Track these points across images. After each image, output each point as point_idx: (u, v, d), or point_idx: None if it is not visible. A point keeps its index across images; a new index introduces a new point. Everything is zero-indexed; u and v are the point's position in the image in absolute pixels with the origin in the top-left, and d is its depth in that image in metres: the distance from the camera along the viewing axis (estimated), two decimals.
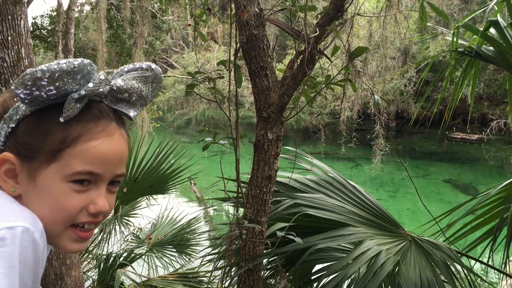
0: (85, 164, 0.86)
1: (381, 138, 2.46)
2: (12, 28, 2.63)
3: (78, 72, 0.83)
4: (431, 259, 2.34)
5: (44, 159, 0.86)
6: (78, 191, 0.87)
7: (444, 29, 3.14)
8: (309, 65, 1.91)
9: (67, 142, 0.86)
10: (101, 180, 0.90)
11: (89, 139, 0.87)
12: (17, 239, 0.76)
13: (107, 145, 0.89)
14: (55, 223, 0.87)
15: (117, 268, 3.73)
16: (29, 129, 0.87)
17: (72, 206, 0.87)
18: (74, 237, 0.90)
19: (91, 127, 0.88)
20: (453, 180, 15.48)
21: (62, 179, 0.86)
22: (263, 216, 2.17)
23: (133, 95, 0.92)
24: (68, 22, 9.40)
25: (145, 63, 0.95)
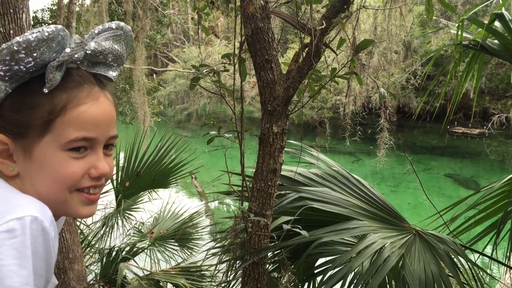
0: (78, 130, 0.87)
1: (385, 131, 2.45)
2: (14, 22, 2.62)
3: (53, 39, 0.83)
4: (436, 252, 2.34)
5: (36, 133, 0.86)
6: (77, 158, 0.88)
7: (448, 22, 3.13)
8: (315, 58, 1.90)
9: (56, 111, 0.86)
10: (97, 143, 0.90)
11: (77, 105, 0.87)
12: (27, 229, 0.76)
13: (95, 109, 0.89)
14: (60, 191, 0.88)
15: (119, 262, 3.74)
16: (15, 106, 0.87)
17: (73, 172, 0.88)
18: (82, 199, 0.91)
19: (76, 93, 0.87)
20: (454, 175, 15.49)
21: (59, 149, 0.86)
22: (268, 209, 2.17)
23: (109, 56, 0.92)
24: (69, 16, 9.37)
25: (113, 22, 0.95)
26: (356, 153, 17.33)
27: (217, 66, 2.26)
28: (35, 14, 13.91)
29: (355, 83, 2.45)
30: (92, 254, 4.32)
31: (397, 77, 17.96)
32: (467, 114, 22.64)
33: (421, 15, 13.71)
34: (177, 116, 28.95)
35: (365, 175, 14.44)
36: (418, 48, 21.51)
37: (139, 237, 4.41)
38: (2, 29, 2.59)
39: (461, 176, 15.36)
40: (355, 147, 16.69)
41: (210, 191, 10.69)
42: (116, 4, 11.98)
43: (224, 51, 20.65)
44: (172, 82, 25.13)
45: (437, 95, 16.45)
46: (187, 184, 11.89)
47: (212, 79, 2.21)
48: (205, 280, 4.02)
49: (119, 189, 4.33)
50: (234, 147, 2.40)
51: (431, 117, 11.94)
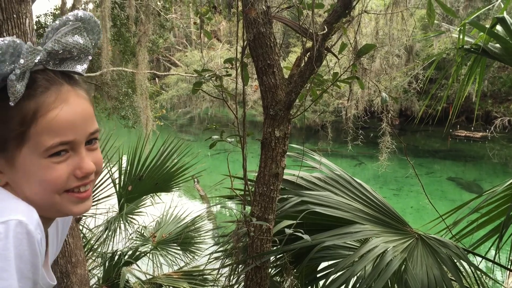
0: (53, 137, 0.86)
1: (387, 135, 2.45)
2: (17, 27, 2.63)
3: (4, 53, 0.82)
4: (438, 256, 2.34)
5: (13, 145, 0.87)
6: (59, 162, 0.88)
7: (450, 26, 3.13)
8: (317, 62, 1.91)
9: (27, 122, 0.85)
10: (76, 144, 0.89)
11: (46, 112, 0.86)
12: (11, 232, 0.77)
13: (66, 111, 0.87)
14: (48, 196, 0.89)
15: (122, 266, 3.74)
16: None
17: (58, 176, 0.88)
18: (72, 199, 0.91)
19: (43, 100, 0.86)
20: (456, 178, 15.46)
21: (39, 157, 0.86)
22: (270, 213, 2.18)
23: (73, 50, 0.89)
24: None
25: (71, 13, 0.93)
26: (359, 157, 17.32)
27: (219, 70, 2.27)
28: (38, 19, 13.98)
29: (357, 87, 2.46)
30: (95, 258, 4.33)
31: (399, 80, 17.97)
32: (470, 117, 22.62)
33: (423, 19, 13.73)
34: (180, 120, 28.99)
35: (367, 178, 14.42)
36: (420, 52, 21.52)
37: (142, 241, 4.42)
38: (5, 34, 2.60)
39: (463, 180, 15.32)
40: (357, 151, 16.69)
41: (212, 195, 10.69)
42: (119, 8, 12.03)
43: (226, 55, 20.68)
44: (175, 86, 25.18)
45: (439, 98, 16.43)
46: (189, 188, 11.90)
47: (214, 84, 2.22)
48: (208, 284, 4.02)
49: (121, 193, 4.34)
50: (236, 151, 2.40)
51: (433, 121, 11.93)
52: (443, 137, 22.21)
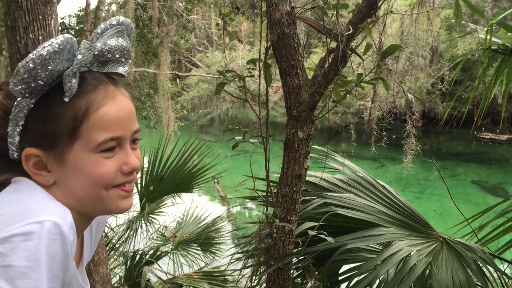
0: (104, 132, 0.89)
1: (412, 137, 2.41)
2: (43, 28, 2.67)
3: (63, 49, 0.85)
4: (464, 261, 2.30)
5: (65, 141, 0.89)
6: (109, 157, 0.91)
7: (477, 27, 3.07)
8: (341, 63, 1.89)
9: (79, 118, 0.88)
10: (123, 141, 0.93)
11: (97, 108, 0.89)
12: (44, 232, 0.78)
13: (115, 108, 0.91)
14: (97, 192, 0.91)
15: (143, 265, 3.77)
16: (40, 119, 0.89)
17: (108, 171, 0.91)
18: (121, 193, 0.94)
19: (94, 97, 0.89)
20: (481, 181, 15.18)
21: (90, 152, 0.89)
22: (293, 215, 2.16)
23: (116, 52, 0.93)
24: (96, 22, 9.54)
25: (113, 18, 0.96)
26: (380, 159, 17.15)
27: (242, 71, 2.27)
28: (63, 20, 14.19)
29: (380, 88, 2.42)
30: (117, 257, 4.37)
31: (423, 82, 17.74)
32: (495, 119, 22.19)
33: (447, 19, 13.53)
34: (200, 121, 29.14)
35: (389, 181, 14.27)
36: (444, 53, 21.21)
37: (163, 241, 4.44)
38: (31, 35, 2.64)
39: (488, 183, 15.04)
40: (379, 153, 16.52)
41: (232, 196, 10.70)
42: (141, 10, 12.15)
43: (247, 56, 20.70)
44: (195, 86, 25.30)
45: (464, 100, 16.17)
46: (209, 189, 11.94)
47: (237, 85, 2.21)
48: (228, 285, 4.02)
49: (143, 193, 4.37)
50: (257, 152, 2.39)
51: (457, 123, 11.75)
52: (467, 139, 21.86)
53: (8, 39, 2.71)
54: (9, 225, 0.78)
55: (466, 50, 14.82)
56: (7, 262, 0.75)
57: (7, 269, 0.74)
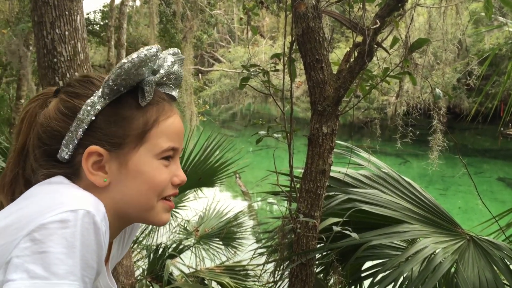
0: (169, 141, 0.95)
1: (439, 133, 2.37)
2: (69, 23, 2.71)
3: (155, 58, 0.92)
4: (491, 259, 2.25)
5: (133, 143, 0.93)
6: (166, 165, 0.95)
7: (507, 20, 3.00)
8: (367, 57, 1.86)
9: (150, 124, 0.93)
10: (177, 154, 0.98)
11: (166, 118, 0.95)
12: (79, 221, 0.79)
13: (178, 121, 0.98)
14: (151, 199, 0.95)
15: (166, 258, 3.80)
16: (111, 119, 0.92)
17: (165, 179, 0.95)
18: (165, 206, 0.97)
19: (163, 107, 0.96)
20: (507, 179, 14.88)
21: (154, 157, 0.94)
22: (317, 210, 2.15)
23: (171, 76, 0.98)
24: (120, 17, 9.64)
25: (170, 49, 1.01)
26: (404, 155, 16.95)
27: (266, 65, 2.26)
28: (88, 15, 14.37)
29: (406, 83, 2.39)
30: (140, 250, 4.42)
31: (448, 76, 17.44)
32: None
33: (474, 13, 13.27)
34: (222, 116, 29.22)
35: (412, 177, 14.02)
36: (471, 47, 20.81)
37: (185, 235, 4.48)
38: (57, 30, 2.68)
39: None
40: (403, 149, 16.31)
41: (254, 191, 10.71)
42: (165, 5, 12.21)
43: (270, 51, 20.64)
44: (218, 81, 25.35)
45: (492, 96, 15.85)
46: (231, 184, 11.97)
47: (261, 79, 2.21)
48: (250, 280, 4.03)
49: None
50: (279, 147, 2.38)
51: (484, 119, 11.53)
52: (493, 135, 21.43)
53: (35, 34, 2.76)
54: (46, 213, 0.79)
55: (493, 44, 14.50)
56: (44, 248, 0.76)
57: (43, 255, 0.75)
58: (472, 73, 2.64)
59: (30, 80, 10.06)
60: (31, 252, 0.76)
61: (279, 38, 23.77)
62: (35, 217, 0.79)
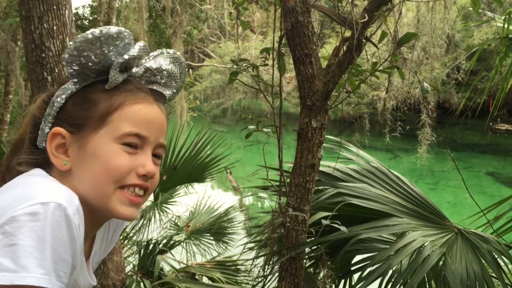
0: (132, 125, 0.92)
1: (427, 127, 2.39)
2: (57, 18, 2.68)
3: (122, 38, 0.91)
4: (478, 251, 2.28)
5: (93, 125, 0.92)
6: (128, 152, 0.92)
7: (495, 15, 3.02)
8: (356, 51, 1.87)
9: (114, 106, 0.92)
10: (147, 144, 0.94)
11: (133, 103, 0.93)
12: (49, 214, 0.78)
13: (149, 110, 0.95)
14: (105, 184, 0.91)
15: (156, 254, 3.79)
16: (77, 102, 0.94)
17: (123, 165, 0.91)
18: (123, 199, 0.93)
19: (133, 94, 0.94)
20: (496, 173, 15.04)
21: (113, 141, 0.91)
22: (306, 204, 2.16)
23: (164, 73, 0.98)
24: (109, 12, 9.57)
25: (169, 49, 1.02)
26: (394, 150, 17.05)
27: (255, 60, 2.26)
28: (76, 10, 14.24)
29: (395, 78, 2.40)
30: (130, 246, 4.41)
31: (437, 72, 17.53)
32: (511, 110, 21.89)
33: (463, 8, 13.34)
34: (213, 111, 29.16)
35: (402, 172, 14.10)
36: (460, 42, 20.93)
37: (176, 230, 4.47)
38: (46, 25, 2.66)
39: (503, 175, 14.89)
40: (393, 144, 16.40)
41: (244, 186, 10.72)
42: (155, 0, 12.14)
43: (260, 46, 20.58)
44: (208, 77, 25.27)
45: (480, 90, 15.98)
46: (222, 179, 11.97)
47: (251, 74, 2.21)
48: (240, 274, 4.04)
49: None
50: (270, 142, 2.39)
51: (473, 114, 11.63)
52: (482, 130, 21.62)
53: (23, 29, 2.73)
54: (17, 205, 0.79)
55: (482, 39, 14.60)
56: (14, 241, 0.75)
57: (12, 248, 0.75)
58: (460, 68, 2.66)
59: (19, 75, 9.96)
60: (2, 245, 0.75)
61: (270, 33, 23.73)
62: (7, 210, 0.79)
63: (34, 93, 2.82)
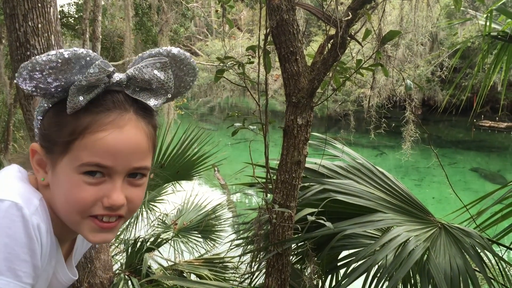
0: (92, 156, 0.84)
1: (411, 124, 2.42)
2: (42, 16, 2.66)
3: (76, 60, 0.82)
4: (462, 246, 2.32)
5: (59, 151, 0.87)
6: (90, 183, 0.85)
7: (477, 13, 3.07)
8: (340, 49, 1.89)
9: (76, 134, 0.85)
10: (114, 173, 0.86)
11: (95, 131, 0.84)
12: (2, 212, 0.78)
13: (115, 137, 0.85)
14: (71, 213, 0.87)
15: (144, 252, 3.79)
16: (48, 121, 0.89)
17: (84, 198, 0.85)
18: (93, 226, 0.88)
19: (100, 118, 0.85)
20: (480, 169, 15.23)
21: (74, 171, 0.85)
22: (292, 201, 2.18)
23: (152, 82, 0.89)
24: (95, 10, 9.50)
25: (164, 48, 0.93)
26: (380, 147, 17.18)
27: (241, 58, 2.27)
28: (62, 8, 14.11)
29: (380, 75, 2.43)
30: (118, 244, 4.40)
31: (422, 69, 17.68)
32: (495, 107, 22.17)
33: (448, 6, 13.48)
34: (200, 110, 29.09)
35: (388, 169, 14.26)
36: (444, 40, 21.13)
37: (163, 228, 4.47)
38: (30, 23, 2.64)
39: (487, 171, 15.09)
40: (379, 141, 16.53)
41: (232, 183, 10.72)
42: None
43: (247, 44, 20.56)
44: None
45: (464, 88, 16.16)
46: (209, 177, 11.96)
47: (236, 71, 2.22)
48: (228, 271, 4.05)
49: None
50: (257, 140, 2.40)
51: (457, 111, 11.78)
52: (466, 127, 21.87)
53: (7, 27, 2.71)
54: None
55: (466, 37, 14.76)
56: None
57: None
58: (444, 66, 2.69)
59: (3, 73, 9.85)
60: None
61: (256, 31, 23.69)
62: None
63: (19, 91, 2.80)
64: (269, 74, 2.28)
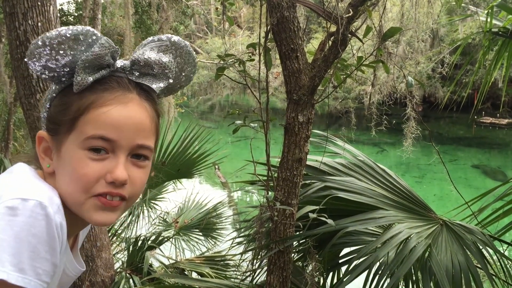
0: (96, 128, 0.86)
1: (412, 120, 2.42)
2: (42, 14, 2.66)
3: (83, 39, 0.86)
4: (463, 243, 2.31)
5: (64, 130, 0.90)
6: (94, 159, 0.87)
7: (477, 9, 3.06)
8: (341, 46, 1.89)
9: (81, 110, 0.88)
10: (118, 148, 0.88)
11: (100, 105, 0.88)
12: (28, 211, 0.78)
13: (119, 111, 0.88)
14: (75, 192, 0.88)
15: (145, 250, 3.80)
16: (56, 104, 0.93)
17: (87, 174, 0.86)
18: (97, 203, 0.88)
19: (103, 95, 0.89)
20: (481, 166, 15.24)
21: (79, 147, 0.87)
22: (294, 198, 2.18)
23: (154, 66, 0.92)
24: (95, 8, 9.49)
25: (165, 35, 0.96)
26: (381, 144, 17.18)
27: (242, 55, 2.26)
28: (61, 6, 14.09)
29: (381, 72, 2.43)
30: (119, 242, 4.40)
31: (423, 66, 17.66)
32: (496, 104, 22.16)
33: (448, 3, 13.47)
34: (200, 107, 29.09)
35: (389, 166, 14.23)
36: (445, 37, 21.11)
37: (164, 227, 4.47)
38: (30, 21, 2.63)
39: (488, 167, 15.10)
40: (380, 138, 16.54)
41: (233, 181, 10.73)
42: None
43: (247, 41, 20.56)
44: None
45: (465, 84, 16.15)
46: (210, 175, 11.97)
47: (237, 69, 2.21)
48: (229, 269, 4.06)
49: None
50: (257, 138, 2.40)
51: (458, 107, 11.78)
52: (467, 124, 21.86)
53: (7, 26, 2.71)
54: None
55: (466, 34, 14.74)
56: None
57: None
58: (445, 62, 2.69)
59: (3, 72, 9.86)
60: None
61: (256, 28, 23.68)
62: None
63: (19, 90, 2.80)
64: (269, 72, 2.28)
